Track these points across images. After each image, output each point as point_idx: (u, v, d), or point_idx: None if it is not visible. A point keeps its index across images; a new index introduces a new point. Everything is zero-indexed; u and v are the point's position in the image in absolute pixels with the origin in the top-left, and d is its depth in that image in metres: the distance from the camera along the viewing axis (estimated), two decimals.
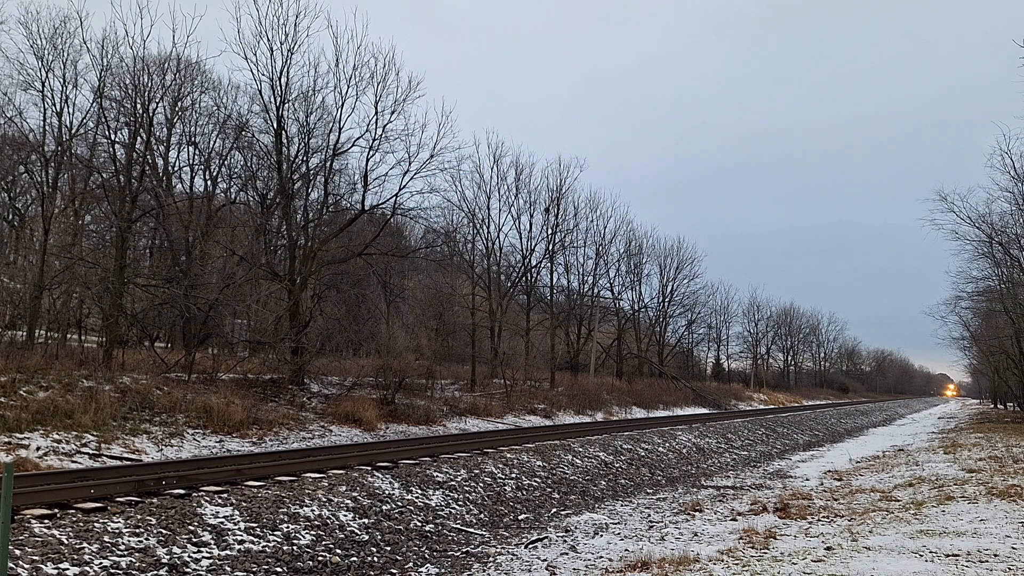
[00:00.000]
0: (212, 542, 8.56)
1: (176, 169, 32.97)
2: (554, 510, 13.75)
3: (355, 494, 11.35)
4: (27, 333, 21.85)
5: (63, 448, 13.47)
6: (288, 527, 9.54)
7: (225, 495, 9.98)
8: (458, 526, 11.62)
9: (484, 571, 9.30)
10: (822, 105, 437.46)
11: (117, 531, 8.12)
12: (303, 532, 9.57)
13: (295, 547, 9.13)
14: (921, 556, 7.66)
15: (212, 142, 32.75)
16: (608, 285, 52.77)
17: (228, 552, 8.48)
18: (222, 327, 27.12)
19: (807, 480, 18.41)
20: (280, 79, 25.47)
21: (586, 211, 48.22)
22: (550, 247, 42.82)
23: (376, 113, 26.61)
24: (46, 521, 7.98)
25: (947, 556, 7.61)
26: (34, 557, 7.12)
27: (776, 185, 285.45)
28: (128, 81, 22.94)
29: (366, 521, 10.59)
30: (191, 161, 33.08)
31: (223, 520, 9.17)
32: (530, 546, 10.56)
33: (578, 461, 17.87)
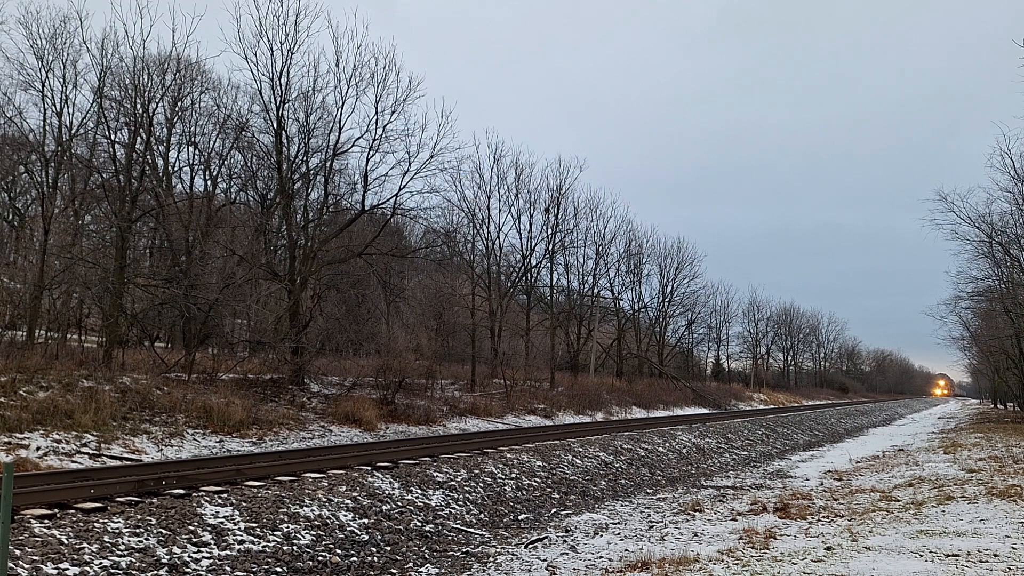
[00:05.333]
0: (212, 542, 8.56)
1: (176, 169, 32.97)
2: (554, 510, 13.75)
3: (355, 494, 11.35)
4: (27, 333, 21.84)
5: (63, 448, 13.47)
6: (288, 527, 9.54)
7: (225, 495, 9.98)
8: (458, 526, 11.62)
9: (484, 571, 9.30)
10: (795, 108, 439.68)
11: (117, 531, 8.12)
12: (303, 532, 9.57)
13: (295, 547, 9.13)
14: (921, 556, 7.66)
15: (212, 142, 32.77)
16: (608, 285, 52.84)
17: (228, 552, 8.48)
18: (222, 327, 27.13)
19: (807, 480, 18.41)
20: (280, 79, 25.49)
21: (586, 211, 48.31)
22: (550, 247, 42.87)
23: (376, 113, 26.64)
24: (46, 521, 7.98)
25: (947, 556, 7.61)
26: (34, 557, 7.12)
27: (759, 187, 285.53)
28: (128, 81, 22.95)
29: (366, 521, 10.59)
30: (191, 161, 33.08)
31: (223, 520, 9.17)
32: (530, 546, 10.56)
33: (578, 461, 17.86)
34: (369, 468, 12.96)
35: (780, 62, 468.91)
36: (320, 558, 9.08)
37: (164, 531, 8.44)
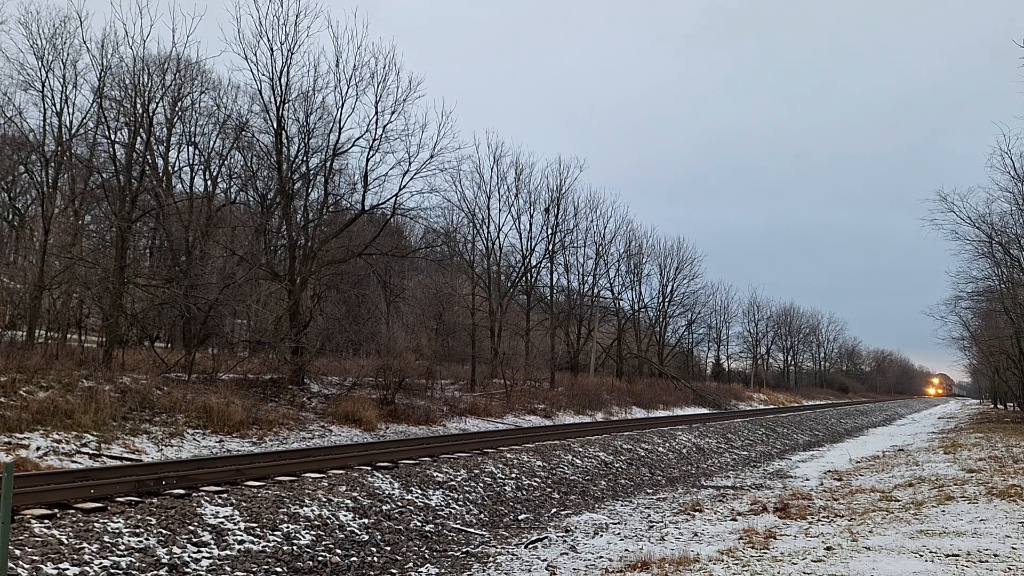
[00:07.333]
0: (212, 542, 8.56)
1: (176, 169, 33.00)
2: (554, 510, 13.75)
3: (355, 494, 11.35)
4: (27, 333, 21.85)
5: (63, 448, 13.47)
6: (288, 527, 9.54)
7: (225, 495, 9.98)
8: (458, 526, 11.62)
9: (484, 571, 9.30)
10: (792, 108, 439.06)
11: (117, 531, 8.12)
12: (303, 532, 9.57)
13: (295, 547, 9.13)
14: (921, 556, 7.66)
15: (212, 142, 32.79)
16: (608, 285, 52.87)
17: (228, 552, 8.48)
18: (222, 327, 27.12)
19: (807, 480, 18.41)
20: (280, 79, 25.49)
21: (586, 211, 48.37)
22: (550, 247, 42.90)
23: (376, 113, 26.65)
24: (46, 521, 7.98)
25: (947, 556, 7.61)
26: (34, 557, 7.12)
27: (757, 187, 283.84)
28: (128, 81, 22.95)
29: (366, 521, 10.59)
30: (191, 161, 33.11)
31: (223, 520, 9.17)
32: (530, 546, 10.56)
33: (578, 461, 17.86)
34: (369, 468, 12.96)
35: (774, 62, 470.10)
36: (320, 558, 9.08)
37: (164, 531, 8.43)
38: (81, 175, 25.70)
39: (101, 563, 7.41)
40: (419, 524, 11.19)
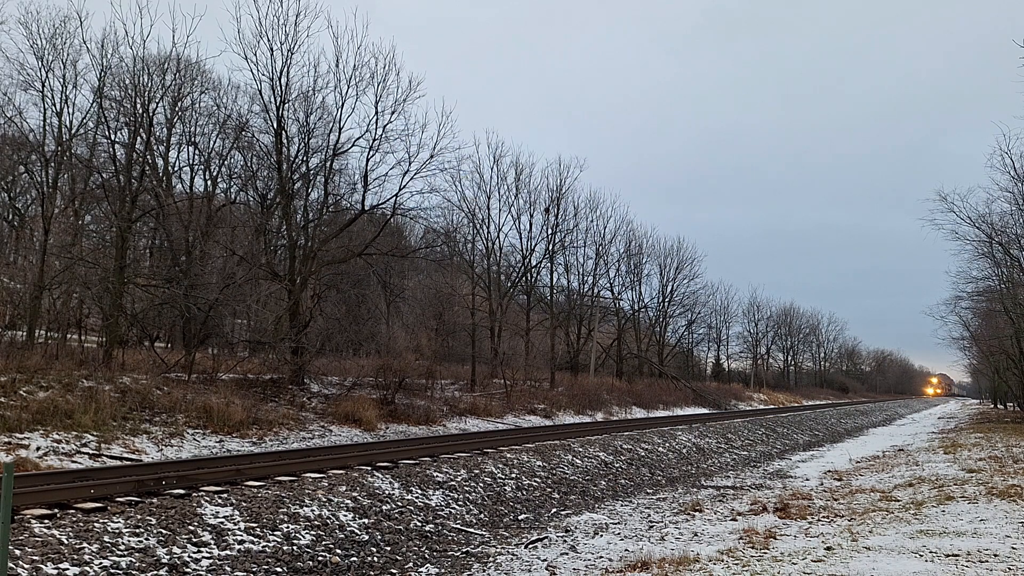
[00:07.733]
0: (212, 542, 8.56)
1: (176, 169, 32.99)
2: (554, 510, 13.75)
3: (355, 494, 11.35)
4: (27, 333, 21.85)
5: (63, 448, 13.47)
6: (288, 527, 9.54)
7: (225, 495, 9.98)
8: (458, 526, 11.62)
9: (484, 571, 9.31)
10: (781, 109, 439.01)
11: (117, 531, 8.12)
12: (303, 532, 9.57)
13: (295, 547, 9.13)
14: (921, 556, 7.66)
15: (212, 142, 32.78)
16: (608, 285, 52.86)
17: (228, 552, 8.48)
18: (222, 327, 27.13)
19: (807, 480, 18.41)
20: (280, 79, 25.49)
21: (586, 211, 48.34)
22: (550, 247, 42.89)
23: (376, 113, 26.65)
24: (46, 521, 7.98)
25: (947, 556, 7.61)
26: (34, 557, 7.12)
27: (757, 187, 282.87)
28: (128, 81, 22.95)
29: (366, 521, 10.60)
30: (191, 161, 33.10)
31: (223, 520, 9.17)
32: (530, 546, 10.56)
33: (578, 461, 17.87)
34: (369, 468, 12.96)
35: (774, 63, 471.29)
36: (320, 558, 9.08)
37: (164, 531, 8.44)
38: (81, 175, 25.70)
39: (101, 563, 7.41)
40: (419, 524, 11.19)
